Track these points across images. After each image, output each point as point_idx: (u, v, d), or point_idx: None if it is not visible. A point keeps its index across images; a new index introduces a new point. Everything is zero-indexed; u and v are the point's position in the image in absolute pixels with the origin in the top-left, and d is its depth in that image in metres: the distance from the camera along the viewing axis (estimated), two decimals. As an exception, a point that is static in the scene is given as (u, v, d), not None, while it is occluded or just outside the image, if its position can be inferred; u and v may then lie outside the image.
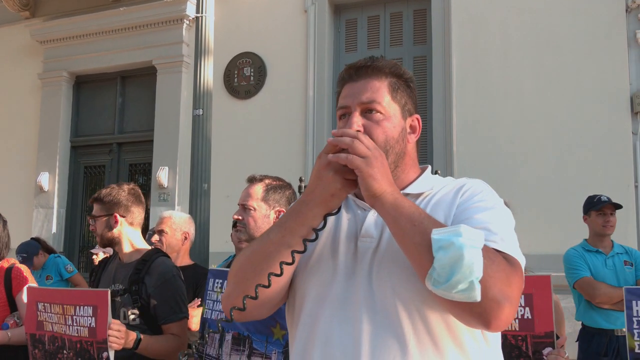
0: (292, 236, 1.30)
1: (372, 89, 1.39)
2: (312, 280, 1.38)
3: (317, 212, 1.29)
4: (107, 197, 2.79)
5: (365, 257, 1.34)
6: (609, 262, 4.14)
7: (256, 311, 1.42)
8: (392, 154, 1.37)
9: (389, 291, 1.28)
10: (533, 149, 6.08)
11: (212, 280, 2.48)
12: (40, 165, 8.27)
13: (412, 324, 1.26)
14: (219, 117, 6.73)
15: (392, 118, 1.39)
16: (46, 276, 5.78)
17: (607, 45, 5.99)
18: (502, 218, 1.32)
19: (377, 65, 1.41)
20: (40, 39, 8.47)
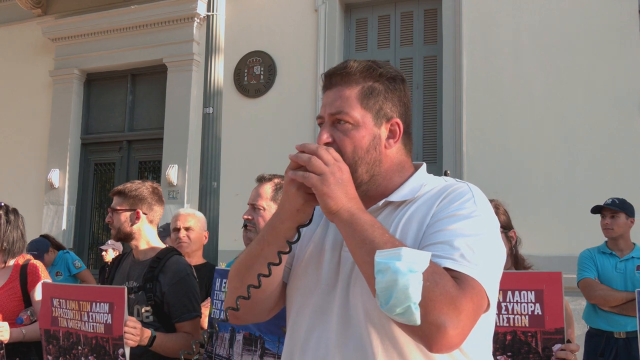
0: (269, 248, 1.34)
1: (341, 98, 1.35)
2: (297, 288, 1.42)
3: (289, 225, 1.32)
4: (132, 192, 2.80)
5: (345, 268, 1.34)
6: (619, 266, 4.11)
7: (250, 315, 1.48)
8: (363, 164, 1.33)
9: (360, 305, 1.28)
10: (543, 150, 6.06)
11: (219, 280, 2.48)
12: (50, 162, 8.32)
13: (381, 340, 1.25)
14: (229, 115, 6.75)
15: (362, 127, 1.34)
16: (56, 272, 5.83)
17: (619, 46, 5.97)
18: (473, 230, 1.24)
19: (348, 72, 1.37)
20: (51, 37, 8.52)
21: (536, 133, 6.11)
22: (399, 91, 1.40)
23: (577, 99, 6.03)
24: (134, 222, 2.77)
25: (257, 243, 1.39)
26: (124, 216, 2.76)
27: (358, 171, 1.33)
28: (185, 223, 3.74)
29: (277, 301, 1.48)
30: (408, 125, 1.43)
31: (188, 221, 3.76)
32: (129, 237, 2.78)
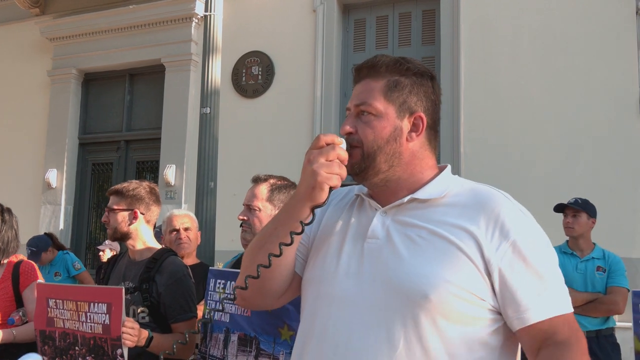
0: (282, 228, 1.37)
1: (366, 90, 1.41)
2: (314, 277, 1.42)
3: (304, 205, 1.34)
4: (129, 192, 2.78)
5: (368, 259, 1.35)
6: (580, 267, 4.10)
7: (259, 298, 1.49)
8: (382, 154, 1.37)
9: (387, 294, 1.29)
10: (541, 150, 6.07)
11: (214, 281, 2.47)
12: (48, 162, 8.31)
13: (404, 330, 1.26)
14: (227, 115, 6.74)
15: (384, 118, 1.38)
16: (55, 272, 5.81)
17: (617, 47, 5.97)
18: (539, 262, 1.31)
19: (374, 65, 1.42)
20: (49, 36, 8.50)
21: (534, 134, 6.11)
22: (426, 87, 1.43)
23: (575, 100, 6.03)
24: (131, 222, 2.76)
25: (271, 222, 1.43)
26: (121, 216, 2.75)
27: (377, 160, 1.37)
28: (183, 224, 3.74)
29: (288, 288, 1.49)
30: (435, 122, 1.46)
31: (185, 222, 3.76)
32: (126, 237, 2.77)
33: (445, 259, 1.28)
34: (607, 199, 4.44)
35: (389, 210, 1.40)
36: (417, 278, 1.27)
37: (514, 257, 1.28)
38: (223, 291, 2.41)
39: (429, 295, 1.25)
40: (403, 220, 1.36)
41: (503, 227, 1.29)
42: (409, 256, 1.30)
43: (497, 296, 1.29)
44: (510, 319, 1.29)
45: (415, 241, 1.32)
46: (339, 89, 7.18)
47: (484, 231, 1.29)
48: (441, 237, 1.30)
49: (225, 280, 2.42)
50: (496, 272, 1.28)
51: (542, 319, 1.27)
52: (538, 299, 1.28)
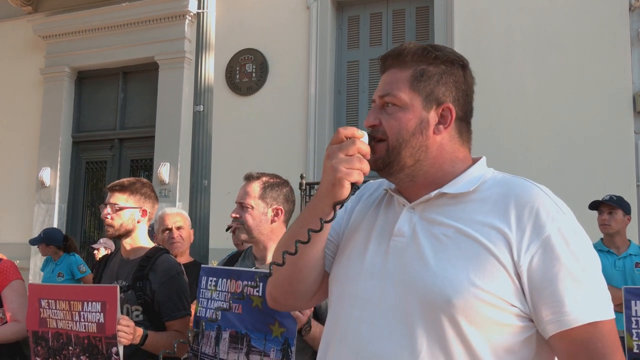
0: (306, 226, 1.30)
1: (390, 81, 1.34)
2: (339, 277, 1.37)
3: (326, 202, 1.28)
4: (138, 190, 2.76)
5: (394, 258, 1.28)
6: (618, 264, 4.08)
7: (291, 299, 1.46)
8: (408, 147, 1.30)
9: (410, 296, 1.22)
10: (535, 148, 6.08)
11: (205, 278, 2.47)
12: (41, 160, 8.28)
13: (427, 336, 1.19)
14: (221, 113, 6.74)
15: (409, 110, 1.31)
16: (58, 273, 5.79)
17: (610, 44, 5.99)
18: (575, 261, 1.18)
19: (399, 54, 1.35)
20: (42, 34, 8.47)
21: (527, 131, 6.12)
22: (456, 76, 1.34)
23: (568, 97, 6.05)
24: (137, 220, 2.75)
25: (296, 221, 1.37)
26: (129, 213, 2.73)
27: (402, 154, 1.30)
28: (175, 223, 3.73)
29: (319, 288, 1.44)
30: (466, 113, 1.37)
31: (178, 221, 3.75)
32: (127, 235, 2.75)
33: (471, 261, 1.19)
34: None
35: (417, 207, 1.32)
36: (440, 281, 1.19)
37: (547, 255, 1.17)
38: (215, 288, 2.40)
39: (452, 300, 1.17)
40: (430, 218, 1.29)
41: (536, 224, 1.20)
42: (433, 257, 1.22)
43: (528, 300, 1.19)
44: (543, 323, 1.18)
45: (441, 240, 1.24)
46: (333, 86, 7.18)
47: (515, 229, 1.20)
48: (468, 237, 1.22)
49: (217, 277, 2.42)
50: (525, 273, 1.18)
51: (577, 325, 1.15)
52: (573, 301, 1.16)
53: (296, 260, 1.33)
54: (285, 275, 1.40)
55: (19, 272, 3.20)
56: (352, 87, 7.24)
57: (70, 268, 5.83)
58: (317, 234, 1.28)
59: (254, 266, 2.51)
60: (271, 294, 1.45)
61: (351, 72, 7.27)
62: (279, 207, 2.49)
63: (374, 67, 7.16)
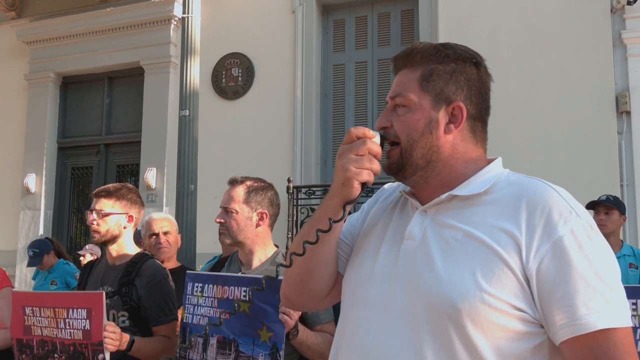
0: (317, 226, 1.29)
1: (402, 81, 1.33)
2: (350, 280, 1.36)
3: (336, 202, 1.27)
4: (124, 195, 2.75)
5: (403, 261, 1.26)
6: None
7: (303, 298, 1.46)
8: (419, 149, 1.28)
9: (416, 301, 1.20)
10: (519, 148, 6.12)
11: (191, 285, 2.46)
12: (26, 166, 8.21)
13: (433, 342, 1.17)
14: (207, 117, 6.72)
15: (418, 110, 1.29)
16: (51, 280, 5.73)
17: (593, 45, 6.05)
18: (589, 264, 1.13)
19: (409, 55, 1.33)
20: (26, 40, 8.41)
21: (512, 132, 6.16)
22: (468, 74, 1.31)
23: (553, 98, 6.09)
24: (123, 225, 2.74)
25: (310, 221, 1.36)
26: (115, 219, 2.72)
27: (413, 156, 1.28)
28: (162, 228, 3.72)
29: (332, 289, 1.43)
30: (480, 112, 1.33)
31: (164, 226, 3.73)
32: (114, 241, 2.74)
33: (478, 265, 1.16)
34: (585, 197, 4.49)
35: (429, 210, 1.30)
36: (445, 285, 1.17)
37: (557, 258, 1.13)
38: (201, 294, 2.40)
39: (458, 304, 1.14)
40: (441, 221, 1.26)
41: (547, 225, 1.15)
42: (441, 261, 1.20)
43: (537, 305, 1.14)
44: (554, 329, 1.13)
45: (450, 244, 1.21)
46: (319, 89, 7.19)
47: (524, 231, 1.16)
48: (476, 240, 1.19)
49: (202, 283, 2.41)
50: (534, 277, 1.13)
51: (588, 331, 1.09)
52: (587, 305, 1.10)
53: (306, 260, 1.33)
54: (296, 274, 1.40)
55: (9, 279, 3.19)
56: (339, 90, 7.26)
57: (65, 277, 5.78)
58: (327, 233, 1.27)
59: (240, 271, 2.51)
60: (285, 293, 1.46)
61: (337, 75, 7.28)
62: (264, 211, 2.49)
63: (360, 70, 7.18)
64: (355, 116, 7.12)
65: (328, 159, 7.17)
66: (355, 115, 7.12)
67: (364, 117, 7.07)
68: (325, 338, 2.31)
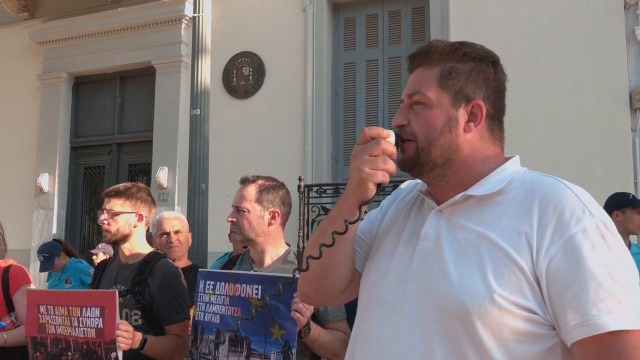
0: (332, 226, 1.29)
1: (418, 79, 1.31)
2: (368, 280, 1.37)
3: (352, 202, 1.27)
4: (134, 194, 2.76)
5: (418, 262, 1.26)
6: None
7: (321, 295, 1.47)
8: (437, 147, 1.27)
9: (427, 302, 1.21)
10: (532, 146, 6.08)
11: (203, 282, 2.47)
12: (40, 166, 8.27)
13: (443, 344, 1.17)
14: (218, 117, 6.74)
15: (437, 107, 1.27)
16: (65, 279, 5.77)
17: (606, 42, 5.99)
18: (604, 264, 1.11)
19: (427, 53, 1.32)
20: (39, 40, 8.47)
21: (524, 130, 6.12)
22: (486, 73, 1.31)
23: (565, 96, 6.05)
24: (134, 224, 2.75)
25: (325, 220, 1.36)
26: (126, 218, 2.73)
27: (432, 154, 1.27)
28: (173, 227, 3.73)
29: (349, 285, 1.43)
30: (498, 110, 1.33)
31: (175, 225, 3.75)
32: (125, 240, 2.75)
33: (489, 266, 1.15)
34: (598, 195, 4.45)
35: (445, 210, 1.29)
36: (456, 287, 1.16)
37: (568, 257, 1.11)
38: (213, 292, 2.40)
39: (468, 307, 1.13)
40: (456, 222, 1.26)
41: (558, 224, 1.13)
42: (453, 262, 1.19)
43: (548, 305, 1.13)
44: (565, 330, 1.11)
45: (462, 245, 1.21)
46: (330, 88, 7.18)
47: (536, 229, 1.14)
48: (488, 241, 1.17)
49: (214, 281, 2.41)
50: (544, 276, 1.12)
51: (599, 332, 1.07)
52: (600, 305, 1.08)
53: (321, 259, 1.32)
54: (312, 273, 1.40)
55: (29, 276, 3.22)
56: (349, 89, 7.25)
57: (79, 275, 5.82)
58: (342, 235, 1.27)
59: (251, 269, 2.51)
60: (302, 289, 1.47)
61: (348, 73, 7.27)
62: (276, 210, 2.49)
63: (370, 69, 7.17)
64: (366, 115, 7.11)
65: (339, 157, 7.16)
66: (366, 113, 7.11)
67: (375, 116, 7.05)
68: (338, 336, 2.31)
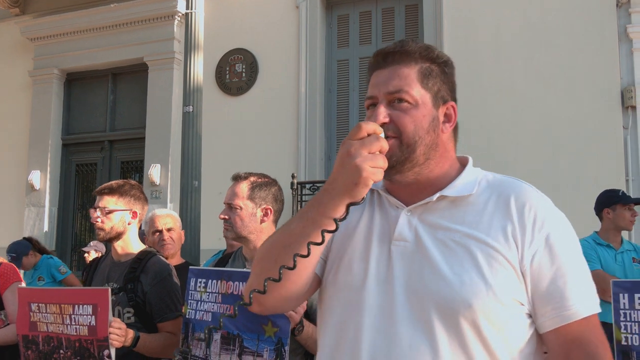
0: (313, 227, 1.22)
1: (400, 76, 1.30)
2: (341, 283, 1.32)
3: (340, 202, 1.20)
4: (128, 192, 2.75)
5: (399, 263, 1.26)
6: (618, 258, 4.09)
7: (279, 304, 1.36)
8: (422, 145, 1.28)
9: (426, 304, 1.21)
10: (525, 144, 6.10)
11: (194, 280, 2.45)
12: (31, 163, 8.23)
13: (449, 341, 1.19)
14: (211, 113, 6.72)
15: (422, 107, 1.29)
16: (38, 277, 5.73)
17: (598, 40, 6.02)
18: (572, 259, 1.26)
19: (407, 50, 1.32)
20: (30, 36, 8.41)
21: (518, 127, 6.14)
22: (452, 76, 1.37)
23: (558, 93, 6.07)
24: (128, 222, 2.73)
25: (298, 221, 1.26)
26: (120, 215, 2.72)
27: (417, 151, 1.28)
28: (166, 224, 3.71)
29: (307, 290, 1.37)
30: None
31: (168, 222, 3.72)
32: (118, 237, 2.73)
33: (483, 264, 1.20)
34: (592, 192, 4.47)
35: (415, 210, 1.30)
36: (458, 287, 1.19)
37: (548, 252, 1.22)
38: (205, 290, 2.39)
39: (473, 305, 1.18)
40: (432, 222, 1.28)
41: (536, 222, 1.23)
42: (445, 263, 1.22)
43: (530, 296, 1.23)
44: (543, 319, 1.23)
45: (448, 246, 1.24)
46: (324, 85, 7.17)
47: (518, 228, 1.23)
48: (477, 241, 1.22)
49: (206, 279, 2.40)
50: (529, 271, 1.21)
51: (576, 319, 1.21)
52: (572, 296, 1.21)
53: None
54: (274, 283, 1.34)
55: (19, 274, 3.20)
56: (343, 86, 7.24)
57: (50, 271, 5.78)
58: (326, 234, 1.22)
59: (244, 267, 2.50)
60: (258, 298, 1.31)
61: (341, 70, 7.27)
62: (268, 207, 2.47)
63: (364, 66, 7.16)
64: (359, 112, 7.10)
65: (332, 154, 7.16)
66: (360, 111, 7.11)
67: (368, 113, 7.05)
68: None
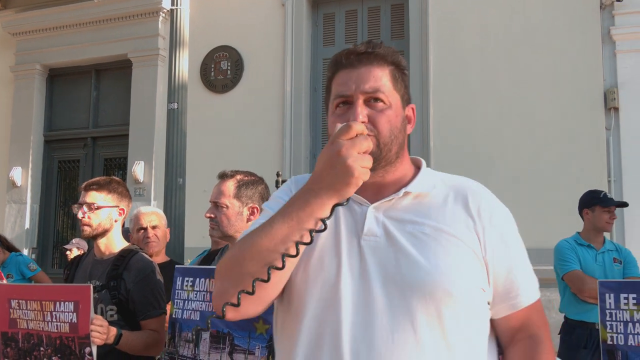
0: (299, 227, 1.20)
1: (375, 77, 1.34)
2: (315, 279, 1.30)
3: (328, 201, 1.19)
4: (115, 189, 2.73)
5: (372, 257, 1.28)
6: (599, 258, 4.11)
7: (252, 308, 1.29)
8: (396, 145, 1.34)
9: (406, 295, 1.24)
10: (509, 144, 6.14)
11: (181, 279, 2.43)
12: (12, 159, 8.12)
13: (430, 330, 1.24)
14: (196, 111, 6.68)
15: (394, 107, 1.35)
16: (7, 274, 5.67)
17: (582, 42, 6.06)
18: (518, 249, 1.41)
19: (380, 53, 1.37)
20: (12, 31, 8.31)
21: (502, 127, 6.18)
22: (408, 80, 1.45)
23: (542, 93, 6.11)
24: (114, 219, 2.71)
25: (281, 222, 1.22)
26: (107, 212, 2.69)
27: (392, 150, 1.34)
28: (150, 222, 3.68)
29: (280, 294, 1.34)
30: None
31: (153, 220, 3.70)
32: (103, 235, 2.71)
33: (454, 255, 1.28)
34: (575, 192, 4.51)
35: (379, 206, 1.34)
36: (437, 276, 1.24)
37: (502, 244, 1.33)
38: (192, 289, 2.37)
39: (452, 292, 1.24)
40: (399, 217, 1.32)
41: (493, 217, 1.34)
42: (420, 254, 1.26)
43: (491, 285, 1.33)
44: (499, 306, 1.35)
45: (419, 238, 1.28)
46: (309, 83, 7.16)
47: (478, 222, 1.32)
48: (446, 233, 1.29)
49: (193, 277, 2.38)
50: (490, 261, 1.31)
51: (527, 304, 1.35)
52: (524, 284, 1.35)
53: None
54: None
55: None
56: (328, 85, 7.23)
57: (19, 268, 5.73)
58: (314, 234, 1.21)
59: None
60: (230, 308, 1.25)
61: (327, 69, 7.25)
62: (255, 206, 2.46)
63: (349, 65, 7.15)
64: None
65: (317, 152, 7.15)
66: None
67: (354, 112, 7.05)
68: None
